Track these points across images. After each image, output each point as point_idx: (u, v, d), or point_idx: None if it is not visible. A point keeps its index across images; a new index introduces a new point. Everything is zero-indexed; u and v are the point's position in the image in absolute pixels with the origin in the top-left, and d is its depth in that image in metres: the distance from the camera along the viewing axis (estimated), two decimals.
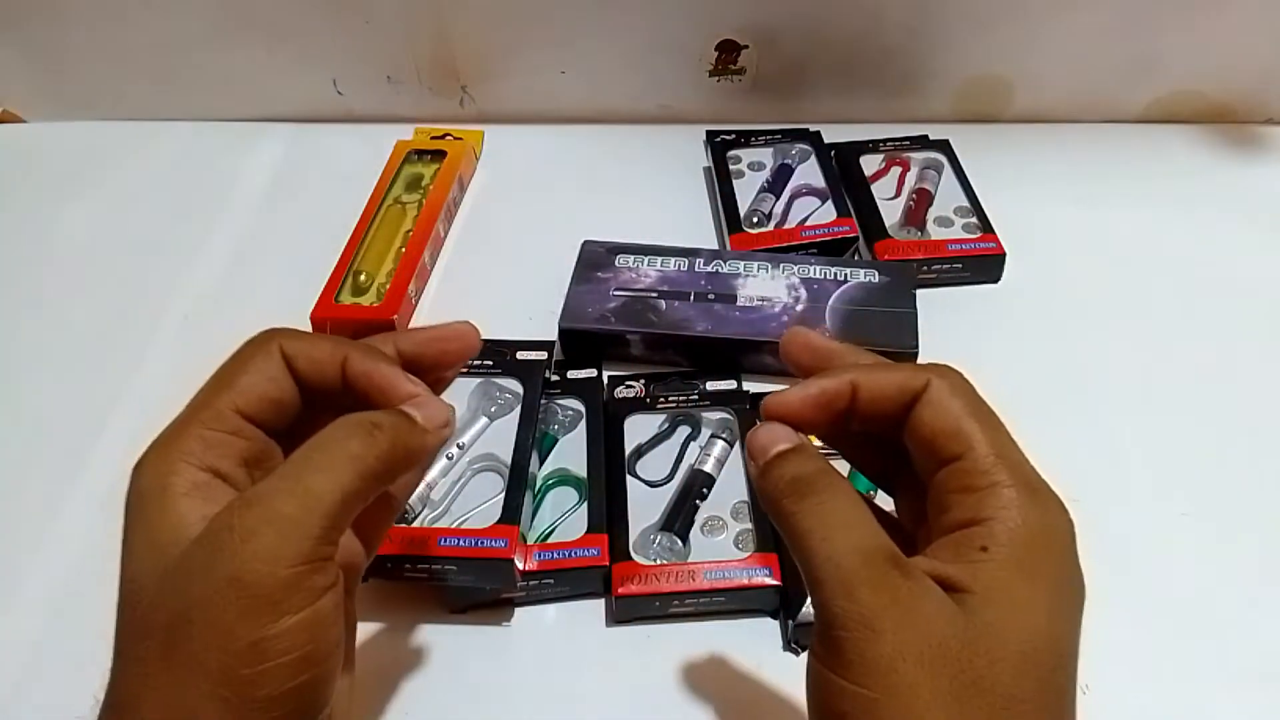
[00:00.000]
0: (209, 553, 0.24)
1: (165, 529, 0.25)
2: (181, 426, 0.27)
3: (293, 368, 0.29)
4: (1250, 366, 0.54)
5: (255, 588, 0.23)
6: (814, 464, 0.27)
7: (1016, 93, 0.73)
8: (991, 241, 0.59)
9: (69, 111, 0.76)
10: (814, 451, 0.28)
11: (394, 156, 0.68)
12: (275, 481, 0.25)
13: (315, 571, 0.24)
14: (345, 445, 0.26)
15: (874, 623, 0.23)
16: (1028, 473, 0.26)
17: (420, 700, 0.40)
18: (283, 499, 0.24)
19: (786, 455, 0.27)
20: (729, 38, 0.70)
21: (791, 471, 0.27)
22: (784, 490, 0.26)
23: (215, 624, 0.23)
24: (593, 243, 0.59)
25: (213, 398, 0.28)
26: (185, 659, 0.23)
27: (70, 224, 0.67)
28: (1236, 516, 0.47)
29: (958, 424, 0.26)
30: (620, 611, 0.43)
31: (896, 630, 0.23)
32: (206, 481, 0.26)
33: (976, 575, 0.24)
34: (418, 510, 0.44)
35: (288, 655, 0.23)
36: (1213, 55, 0.70)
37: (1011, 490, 0.25)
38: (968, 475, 0.26)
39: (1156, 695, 0.40)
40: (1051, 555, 0.25)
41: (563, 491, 0.47)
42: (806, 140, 0.68)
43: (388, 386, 0.29)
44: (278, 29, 0.70)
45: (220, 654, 0.23)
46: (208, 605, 0.23)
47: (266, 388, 0.28)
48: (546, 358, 0.50)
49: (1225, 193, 0.66)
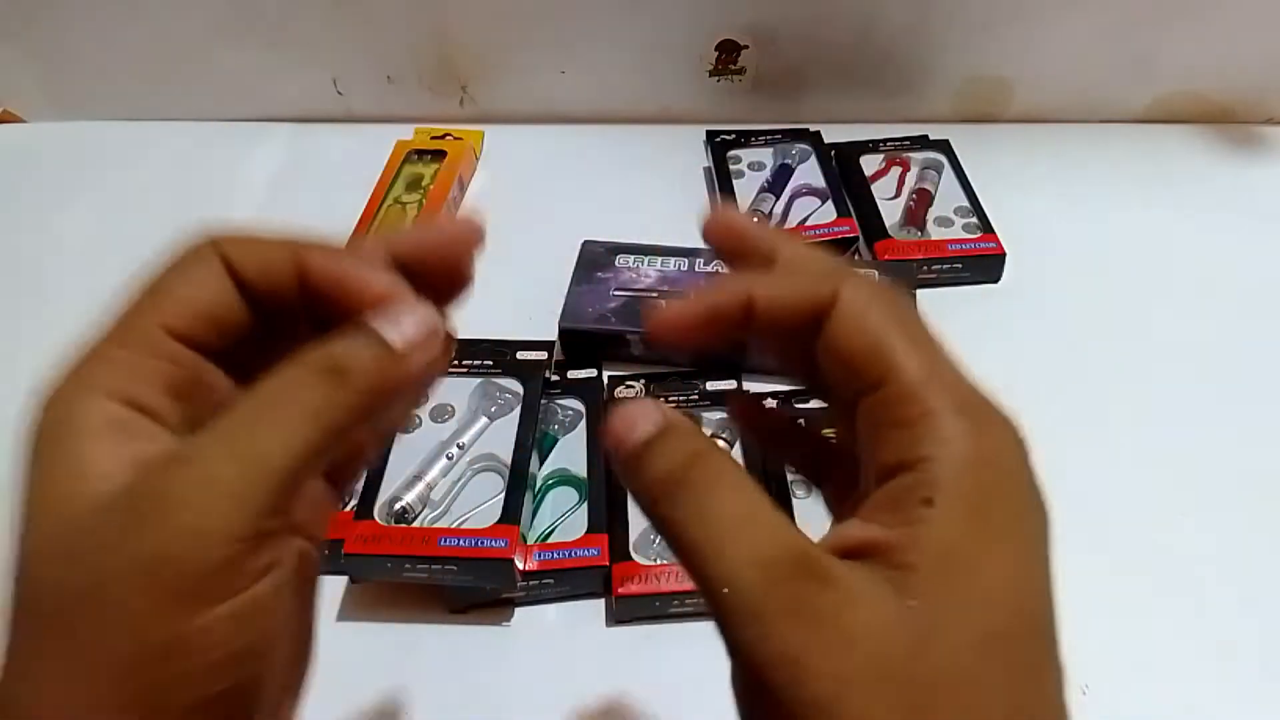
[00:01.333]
0: (126, 520, 0.19)
1: (69, 478, 0.20)
2: (96, 350, 0.22)
3: (238, 276, 0.23)
4: (1251, 366, 0.54)
5: (180, 569, 0.18)
6: (684, 447, 0.21)
7: (1016, 93, 0.73)
8: (991, 241, 0.59)
9: (69, 111, 0.76)
10: (684, 429, 0.22)
11: (394, 156, 0.68)
12: (213, 438, 0.20)
13: (255, 550, 0.19)
14: (301, 396, 0.20)
15: (796, 656, 0.18)
16: (966, 392, 0.21)
17: (420, 700, 0.40)
18: (221, 461, 0.19)
19: (651, 446, 0.21)
20: (729, 38, 0.70)
21: (660, 466, 0.21)
22: (655, 493, 0.21)
23: (126, 609, 0.18)
24: (593, 243, 0.59)
25: (136, 314, 0.22)
26: (85, 651, 0.18)
27: (70, 224, 0.67)
28: (1237, 516, 0.47)
29: (877, 340, 0.22)
30: (620, 611, 0.43)
31: (826, 658, 0.18)
32: (125, 418, 0.21)
33: (920, 542, 0.20)
34: (418, 510, 0.44)
35: (213, 653, 0.19)
36: (1213, 55, 0.70)
37: (950, 417, 0.21)
38: (895, 404, 0.21)
39: (1156, 695, 0.40)
40: (1006, 490, 0.21)
41: (563, 491, 0.47)
42: (806, 140, 0.68)
43: (358, 287, 0.23)
44: (278, 29, 0.70)
45: (132, 647, 0.18)
46: (119, 585, 0.18)
47: (203, 301, 0.23)
48: (546, 358, 0.50)
49: (1225, 193, 0.67)
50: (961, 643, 0.19)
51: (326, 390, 0.21)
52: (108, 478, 0.20)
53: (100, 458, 0.20)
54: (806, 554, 0.20)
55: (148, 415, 0.21)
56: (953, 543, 0.20)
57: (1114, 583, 0.44)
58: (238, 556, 0.19)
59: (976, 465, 0.20)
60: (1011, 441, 0.21)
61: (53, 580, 0.19)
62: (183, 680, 0.19)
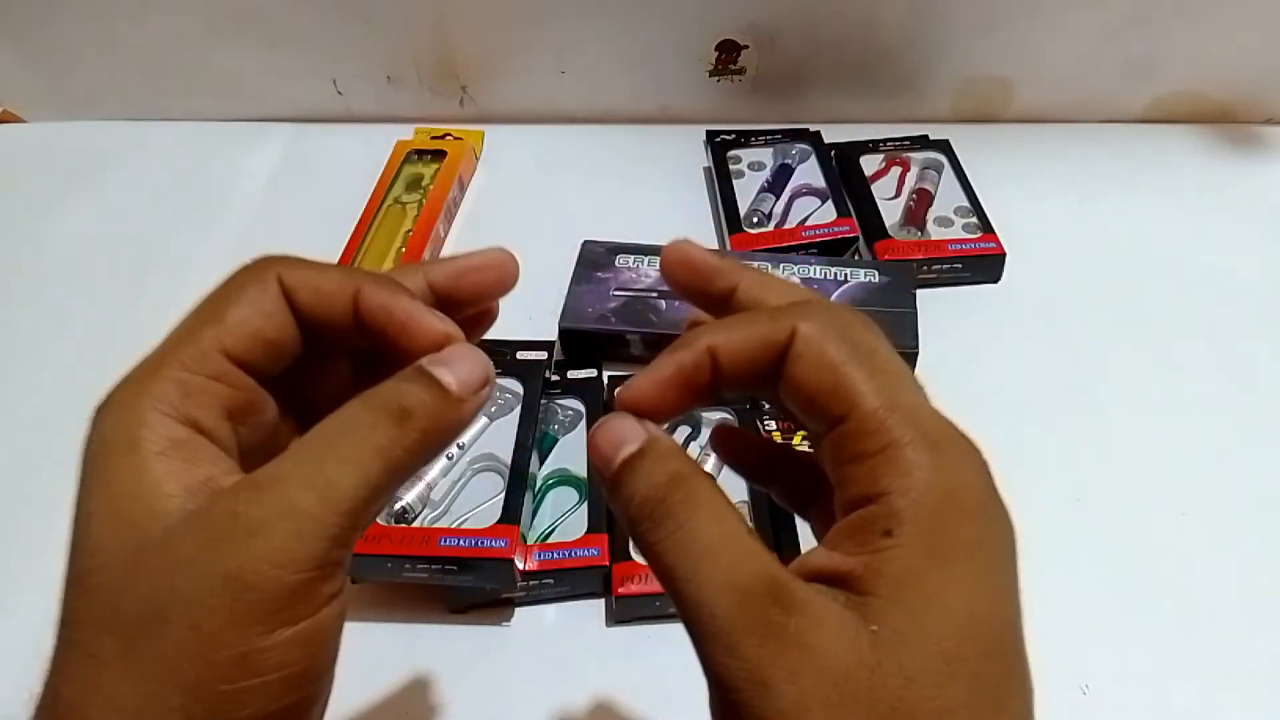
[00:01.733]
0: (203, 541, 0.20)
1: (137, 497, 0.20)
2: (156, 367, 0.22)
3: (293, 301, 0.24)
4: (1250, 365, 0.54)
5: (257, 591, 0.19)
6: (664, 469, 0.22)
7: (1016, 93, 0.73)
8: (991, 241, 0.59)
9: (69, 111, 0.76)
10: (664, 449, 0.23)
11: (394, 156, 0.68)
12: (289, 466, 0.21)
13: (325, 577, 0.21)
14: (370, 434, 0.21)
15: (764, 677, 0.19)
16: (925, 421, 0.22)
17: (420, 700, 0.40)
18: (299, 489, 0.20)
19: (633, 464, 0.22)
20: (729, 38, 0.70)
21: (640, 488, 0.22)
22: (636, 515, 0.22)
23: (200, 627, 0.19)
24: (593, 243, 0.59)
25: (196, 334, 0.23)
26: (153, 663, 0.19)
27: (70, 224, 0.67)
28: (1237, 516, 0.47)
29: (834, 376, 0.22)
30: (620, 611, 0.43)
31: (792, 679, 0.19)
32: (185, 438, 0.21)
33: (881, 570, 0.20)
34: (418, 510, 0.44)
35: (279, 672, 0.20)
36: (1213, 55, 0.70)
37: (910, 450, 0.21)
38: (857, 438, 0.21)
39: (1156, 695, 0.40)
40: (964, 518, 0.21)
41: (563, 491, 0.47)
42: (806, 140, 0.68)
43: (411, 325, 0.23)
44: (278, 29, 0.70)
45: (199, 663, 0.19)
46: (194, 604, 0.19)
47: (260, 325, 0.23)
48: (546, 358, 0.50)
49: (1225, 193, 0.66)
50: (922, 665, 0.19)
51: (392, 430, 0.22)
52: (173, 497, 0.20)
53: (166, 477, 0.21)
54: (776, 580, 0.20)
55: (205, 435, 0.22)
56: (911, 570, 0.20)
57: (1114, 582, 0.44)
58: (310, 583, 0.20)
59: (935, 495, 0.21)
60: (971, 469, 0.22)
61: (118, 591, 0.20)
62: (245, 697, 0.20)
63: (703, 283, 0.26)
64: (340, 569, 0.21)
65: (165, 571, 0.20)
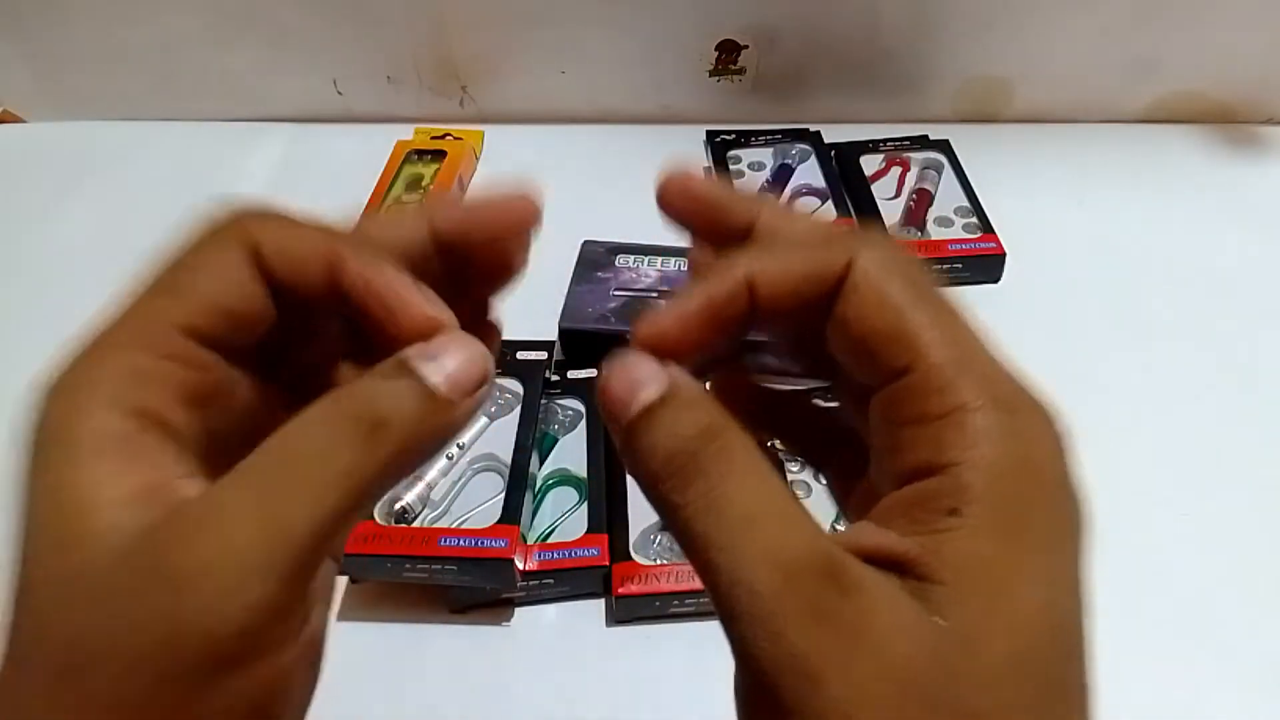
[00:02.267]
0: (137, 577, 0.17)
1: (70, 508, 0.17)
2: (102, 348, 0.19)
3: (266, 268, 0.20)
4: (1250, 365, 0.54)
5: (195, 640, 0.17)
6: (694, 420, 0.18)
7: (1016, 93, 0.73)
8: (991, 241, 0.59)
9: (69, 111, 0.76)
10: (692, 395, 0.19)
11: (394, 156, 0.68)
12: (231, 494, 0.18)
13: (280, 620, 0.18)
14: (333, 457, 0.18)
15: (813, 669, 0.16)
16: (999, 381, 0.19)
17: (420, 700, 0.40)
18: (241, 526, 0.17)
19: (654, 416, 0.19)
20: (729, 38, 0.70)
21: (665, 442, 0.18)
22: (660, 472, 0.18)
23: (132, 673, 0.17)
24: (593, 243, 0.59)
25: (148, 308, 0.20)
26: (80, 703, 0.17)
27: (70, 224, 0.67)
28: (1237, 516, 0.47)
29: (899, 319, 0.19)
30: (620, 611, 0.43)
31: (844, 671, 0.16)
32: (131, 433, 0.18)
33: (944, 554, 0.17)
34: (418, 510, 0.44)
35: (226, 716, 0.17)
36: (1213, 55, 0.70)
37: (981, 416, 0.18)
38: (921, 396, 0.18)
39: (1156, 695, 0.40)
40: (1041, 499, 0.18)
41: (563, 491, 0.47)
42: (806, 140, 0.68)
43: (395, 305, 0.20)
44: (278, 29, 0.70)
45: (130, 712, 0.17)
46: (125, 649, 0.17)
47: (223, 295, 0.20)
48: (546, 358, 0.50)
49: (1225, 193, 0.66)
50: (992, 666, 0.17)
51: (359, 449, 0.18)
52: (114, 506, 0.18)
53: (105, 482, 0.18)
54: (830, 556, 0.17)
55: (160, 428, 0.19)
56: (983, 558, 0.18)
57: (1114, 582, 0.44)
58: (260, 629, 0.17)
59: (1010, 471, 0.18)
60: (1050, 440, 0.19)
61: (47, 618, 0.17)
62: None
63: (713, 217, 0.22)
64: (299, 605, 0.18)
65: (97, 604, 0.17)
